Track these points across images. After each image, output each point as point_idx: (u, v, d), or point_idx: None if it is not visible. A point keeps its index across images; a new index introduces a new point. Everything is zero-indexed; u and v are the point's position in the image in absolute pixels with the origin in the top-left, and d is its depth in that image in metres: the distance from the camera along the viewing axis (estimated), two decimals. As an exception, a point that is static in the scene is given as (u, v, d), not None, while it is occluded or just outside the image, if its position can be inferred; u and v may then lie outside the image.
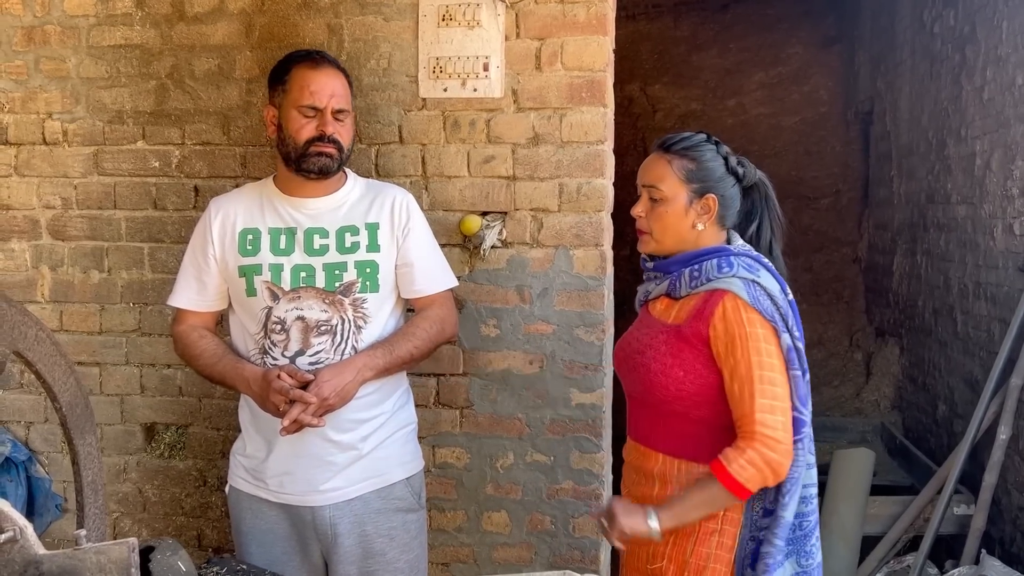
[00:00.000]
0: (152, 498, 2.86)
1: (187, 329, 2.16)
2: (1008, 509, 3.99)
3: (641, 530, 1.73)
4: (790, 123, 7.25)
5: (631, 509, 1.76)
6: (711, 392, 1.79)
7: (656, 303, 1.94)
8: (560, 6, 2.51)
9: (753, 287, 1.77)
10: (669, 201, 1.86)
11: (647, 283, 1.98)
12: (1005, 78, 4.16)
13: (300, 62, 2.09)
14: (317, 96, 2.04)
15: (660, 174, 1.87)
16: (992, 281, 4.28)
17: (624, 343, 1.98)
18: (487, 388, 2.63)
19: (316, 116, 2.05)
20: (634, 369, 1.88)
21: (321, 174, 2.07)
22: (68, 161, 2.80)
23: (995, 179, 4.26)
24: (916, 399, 5.52)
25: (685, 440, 1.82)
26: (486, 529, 2.66)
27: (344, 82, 2.12)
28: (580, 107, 2.52)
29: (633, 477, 1.94)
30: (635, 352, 1.89)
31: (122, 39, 2.74)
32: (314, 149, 2.04)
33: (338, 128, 2.07)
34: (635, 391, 1.91)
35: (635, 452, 1.93)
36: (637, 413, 1.93)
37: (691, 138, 1.88)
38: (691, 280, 1.83)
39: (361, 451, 2.08)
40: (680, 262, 1.87)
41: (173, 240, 2.75)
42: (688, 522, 1.75)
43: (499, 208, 2.58)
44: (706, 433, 1.80)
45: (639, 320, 1.98)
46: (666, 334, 1.83)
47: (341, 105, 2.08)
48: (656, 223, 1.88)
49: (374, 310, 2.09)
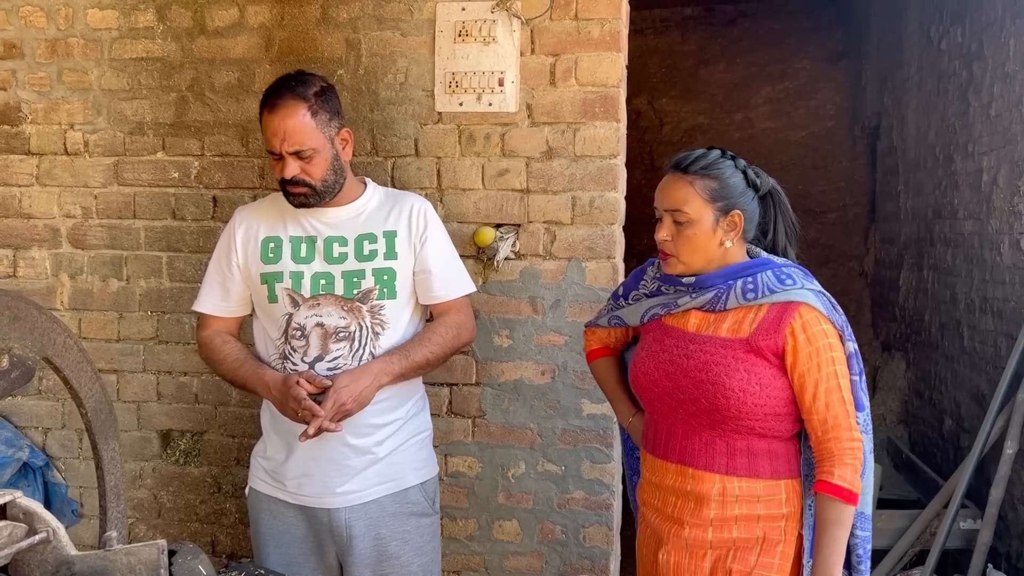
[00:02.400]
0: (167, 504, 2.89)
1: (211, 334, 2.21)
2: (1015, 524, 4.00)
3: None
4: (797, 137, 7.28)
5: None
6: (779, 405, 1.77)
7: (684, 317, 1.87)
8: (574, 23, 2.55)
9: (823, 298, 1.79)
10: (696, 223, 1.80)
11: (665, 296, 1.92)
12: (1012, 95, 4.20)
13: (264, 104, 2.09)
14: (272, 142, 2.06)
15: (683, 197, 1.81)
16: (999, 296, 4.30)
17: (661, 361, 1.86)
18: (499, 398, 2.66)
19: (280, 159, 2.07)
20: (697, 386, 1.79)
21: (302, 207, 2.11)
22: (89, 171, 2.84)
23: (1002, 195, 4.29)
24: (922, 413, 5.53)
25: (748, 457, 1.79)
26: (497, 538, 2.69)
27: (305, 117, 2.03)
28: (593, 122, 2.56)
29: (672, 501, 1.86)
30: (695, 369, 1.79)
31: (144, 52, 2.79)
32: (287, 188, 2.09)
33: (302, 167, 2.04)
34: (692, 411, 1.81)
35: (678, 475, 1.84)
36: (686, 434, 1.83)
37: (707, 156, 1.84)
38: (744, 293, 1.79)
39: (377, 455, 2.12)
40: (725, 275, 1.82)
41: (191, 249, 2.80)
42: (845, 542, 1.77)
43: (513, 220, 2.62)
44: (767, 447, 1.79)
45: (663, 336, 1.89)
46: (732, 348, 1.77)
47: (296, 147, 2.02)
48: (684, 246, 1.82)
49: (392, 317, 2.13)
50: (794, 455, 1.83)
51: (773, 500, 1.79)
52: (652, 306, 1.93)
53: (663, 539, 1.87)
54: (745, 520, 1.79)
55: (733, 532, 1.80)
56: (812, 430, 1.77)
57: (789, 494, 1.80)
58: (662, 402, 1.86)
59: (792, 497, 1.81)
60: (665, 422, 1.88)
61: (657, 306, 1.92)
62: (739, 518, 1.79)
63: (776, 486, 1.80)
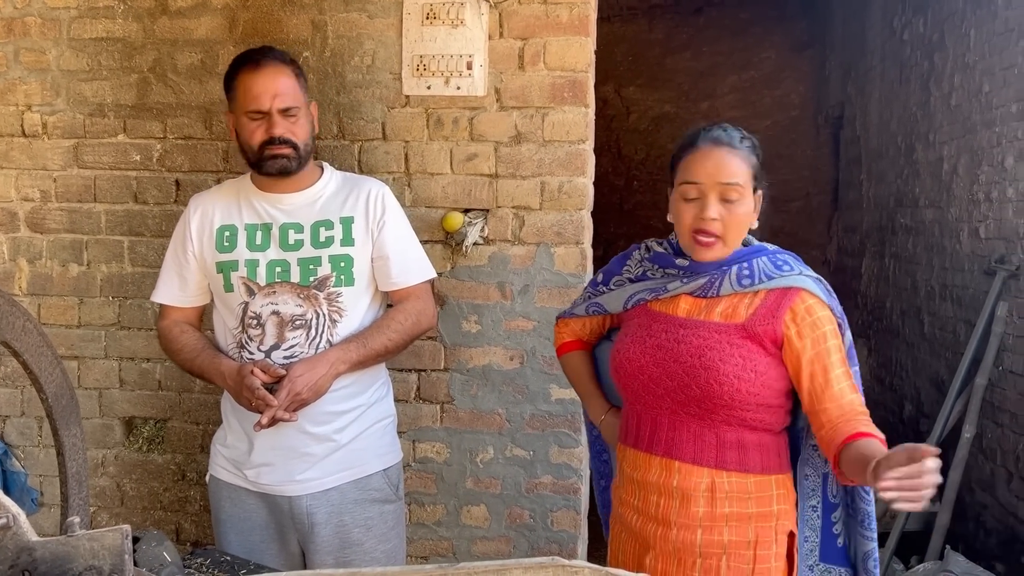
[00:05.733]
0: (130, 492, 2.85)
1: (170, 324, 2.18)
2: (972, 506, 4.09)
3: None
4: (762, 126, 7.34)
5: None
6: (771, 396, 1.69)
7: (674, 302, 1.77)
8: (543, 7, 2.54)
9: (821, 284, 1.71)
10: (745, 200, 1.70)
11: (652, 280, 1.83)
12: (972, 85, 4.26)
13: (243, 66, 2.07)
14: (260, 99, 2.03)
15: (738, 170, 1.69)
16: (958, 283, 4.38)
17: (649, 347, 1.75)
18: (468, 383, 2.66)
19: (263, 119, 2.04)
20: (689, 372, 1.69)
21: (281, 174, 2.08)
22: (47, 154, 2.78)
23: (962, 184, 4.36)
24: (884, 399, 5.62)
25: (739, 451, 1.69)
26: (465, 523, 2.69)
27: (290, 77, 2.07)
28: (562, 107, 2.56)
29: (655, 500, 1.75)
30: (687, 355, 1.69)
31: (104, 32, 2.73)
32: (268, 152, 2.04)
33: (289, 127, 2.04)
34: (681, 399, 1.71)
35: (663, 470, 1.74)
36: (673, 425, 1.73)
37: (740, 129, 1.75)
38: (740, 279, 1.70)
39: (338, 442, 2.10)
40: (719, 261, 1.73)
41: (153, 234, 2.75)
42: None
43: (481, 205, 2.61)
44: (758, 441, 1.70)
45: (650, 321, 1.79)
46: (727, 334, 1.69)
47: (287, 104, 2.04)
48: (735, 227, 1.70)
49: (350, 304, 2.10)
50: (784, 449, 1.75)
51: (764, 497, 1.70)
52: (638, 291, 1.83)
53: (649, 544, 1.76)
54: (736, 520, 1.69)
55: (724, 535, 1.69)
56: (827, 420, 1.64)
57: (779, 490, 1.72)
58: (648, 391, 1.75)
59: (782, 494, 1.72)
60: (650, 413, 1.76)
61: (644, 291, 1.82)
62: (729, 517, 1.69)
63: (767, 482, 1.71)
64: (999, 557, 3.79)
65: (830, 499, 1.77)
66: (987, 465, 3.96)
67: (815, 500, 1.76)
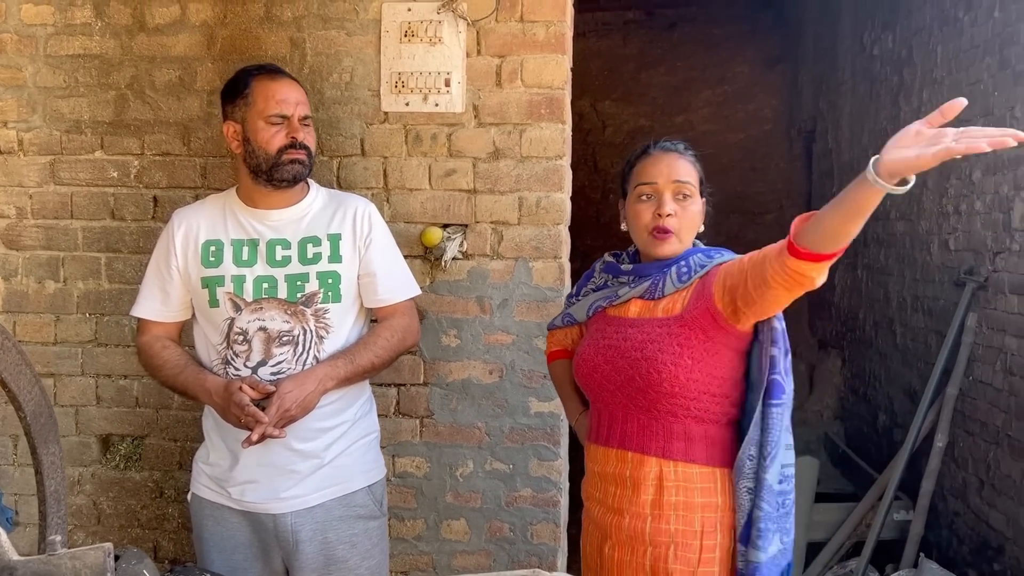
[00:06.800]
0: (107, 510, 2.83)
1: (151, 339, 2.16)
2: (945, 514, 4.14)
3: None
4: (736, 140, 7.43)
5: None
6: (712, 383, 1.78)
7: (626, 307, 1.90)
8: (520, 25, 2.57)
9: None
10: (694, 200, 1.86)
11: (608, 288, 1.97)
12: (940, 100, 4.31)
13: (259, 74, 2.12)
14: (284, 104, 2.08)
15: (688, 170, 1.87)
16: (929, 295, 4.45)
17: (601, 347, 1.89)
18: (447, 397, 2.67)
19: (284, 124, 2.08)
20: (632, 365, 1.81)
21: (294, 181, 2.10)
22: (23, 170, 2.77)
23: (931, 197, 4.44)
24: (858, 409, 5.68)
25: (685, 441, 1.79)
26: (445, 537, 2.70)
27: (303, 91, 2.17)
28: (539, 123, 2.59)
29: (612, 491, 1.87)
30: (631, 349, 1.82)
31: (81, 48, 2.73)
32: (287, 157, 2.07)
33: (306, 134, 2.12)
34: (628, 391, 1.83)
35: (618, 461, 1.86)
36: (625, 418, 1.85)
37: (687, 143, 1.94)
38: (679, 277, 1.83)
39: (323, 459, 2.10)
40: (661, 264, 1.87)
41: (131, 250, 2.75)
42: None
43: (460, 220, 2.63)
44: (704, 432, 1.80)
45: (604, 325, 1.93)
46: (666, 326, 1.80)
47: (306, 112, 2.13)
48: (688, 223, 1.86)
49: (336, 320, 2.12)
50: (730, 444, 1.83)
51: (708, 488, 1.79)
52: (596, 299, 1.98)
53: (607, 533, 1.88)
54: (683, 509, 1.78)
55: (671, 523, 1.79)
56: (749, 257, 1.71)
57: (724, 483, 1.80)
58: (602, 388, 1.88)
59: (727, 486, 1.80)
60: (607, 409, 1.90)
61: (601, 299, 1.97)
62: (676, 506, 1.79)
63: (712, 473, 1.79)
64: (972, 564, 3.85)
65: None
66: (959, 474, 4.02)
67: (750, 482, 1.78)
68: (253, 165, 2.10)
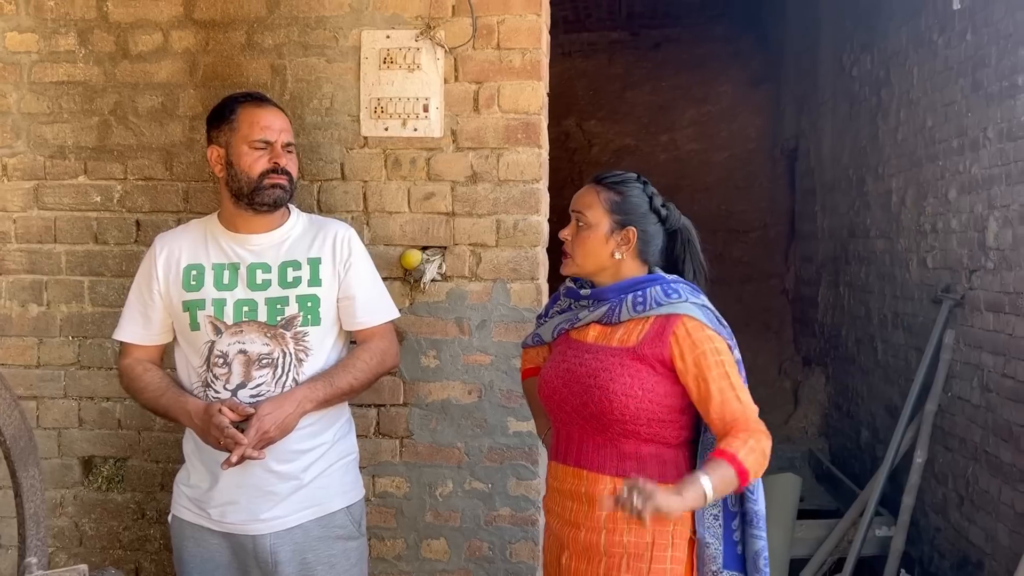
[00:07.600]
0: (89, 532, 2.84)
1: (132, 363, 2.19)
2: (926, 530, 4.17)
3: (696, 495, 1.69)
4: (720, 159, 7.50)
5: (682, 483, 1.71)
6: (663, 411, 1.88)
7: (586, 331, 2.00)
8: (496, 52, 2.62)
9: (705, 310, 1.91)
10: (592, 228, 1.97)
11: (571, 312, 2.06)
12: (917, 120, 4.42)
13: (245, 101, 2.17)
14: (268, 131, 2.13)
15: (588, 202, 1.99)
16: (908, 312, 4.50)
17: (560, 371, 1.99)
18: (427, 418, 2.70)
19: (268, 149, 2.12)
20: (586, 391, 1.91)
21: (275, 206, 2.14)
22: (7, 195, 2.80)
23: (909, 215, 4.50)
24: (841, 425, 5.72)
25: (637, 461, 1.89)
26: (425, 556, 2.72)
27: (287, 119, 2.21)
28: (516, 147, 2.63)
29: (570, 506, 1.96)
30: (585, 376, 1.92)
31: (65, 75, 2.76)
32: (268, 181, 2.11)
33: (288, 160, 2.16)
34: (583, 415, 1.92)
35: (575, 479, 1.95)
36: (581, 438, 1.95)
37: (622, 175, 2.02)
38: (635, 306, 1.92)
39: (302, 480, 2.12)
40: (618, 290, 1.96)
41: (114, 274, 2.77)
42: (722, 494, 1.78)
43: (439, 243, 2.67)
44: (655, 452, 1.89)
45: (566, 348, 2.02)
46: (619, 356, 1.90)
47: (289, 139, 2.18)
48: (579, 247, 1.98)
49: (316, 343, 2.14)
50: (684, 462, 1.93)
51: None
52: (560, 322, 2.08)
53: (564, 544, 1.97)
54: (636, 522, 1.79)
55: (624, 536, 1.87)
56: (716, 432, 1.85)
57: None
58: (560, 409, 1.99)
59: None
60: (565, 429, 1.99)
61: (564, 321, 2.06)
62: (630, 520, 1.79)
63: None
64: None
65: (730, 508, 1.95)
66: (939, 489, 4.05)
67: (716, 509, 1.93)
68: (235, 189, 2.13)
